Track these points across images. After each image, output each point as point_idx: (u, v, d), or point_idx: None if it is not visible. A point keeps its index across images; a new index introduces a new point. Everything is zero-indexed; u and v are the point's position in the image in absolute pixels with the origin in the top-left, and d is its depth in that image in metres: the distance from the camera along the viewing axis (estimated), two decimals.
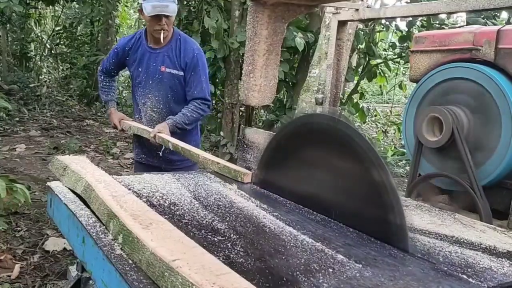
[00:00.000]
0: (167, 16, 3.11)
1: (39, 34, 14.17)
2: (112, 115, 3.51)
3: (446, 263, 1.42)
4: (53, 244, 3.89)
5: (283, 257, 1.39)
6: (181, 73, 3.25)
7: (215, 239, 1.50)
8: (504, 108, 2.49)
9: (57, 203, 1.86)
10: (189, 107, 3.21)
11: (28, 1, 10.45)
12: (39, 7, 12.89)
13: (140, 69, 3.31)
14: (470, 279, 1.32)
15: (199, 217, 1.73)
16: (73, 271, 2.11)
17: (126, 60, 3.39)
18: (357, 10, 3.29)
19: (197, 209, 1.83)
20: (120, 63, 3.45)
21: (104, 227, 1.50)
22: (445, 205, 2.64)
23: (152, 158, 3.38)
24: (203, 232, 1.56)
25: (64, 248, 3.83)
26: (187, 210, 1.81)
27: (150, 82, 3.28)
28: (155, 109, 3.33)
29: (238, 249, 1.43)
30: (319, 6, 5.12)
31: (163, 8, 3.05)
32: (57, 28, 14.08)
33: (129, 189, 2.01)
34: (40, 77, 13.20)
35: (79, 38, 14.03)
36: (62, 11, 13.82)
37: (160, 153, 3.21)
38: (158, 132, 3.04)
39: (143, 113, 3.39)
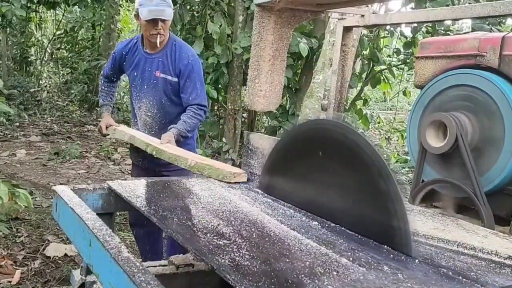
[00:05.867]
0: (163, 21, 3.14)
1: (39, 38, 14.12)
2: (102, 119, 3.60)
3: (448, 267, 1.43)
4: (54, 250, 3.90)
5: (288, 261, 1.40)
6: (175, 79, 3.27)
7: (221, 242, 1.52)
8: (508, 115, 2.50)
9: (63, 207, 1.89)
10: (188, 113, 3.23)
11: (29, 5, 10.51)
12: (40, 11, 12.89)
13: (136, 74, 3.36)
14: (472, 282, 1.33)
15: (205, 221, 1.75)
16: (76, 275, 2.13)
17: (123, 65, 3.44)
18: (362, 16, 3.31)
19: (202, 213, 1.85)
20: (118, 68, 3.51)
21: (110, 230, 1.55)
22: (448, 211, 2.64)
23: (148, 161, 3.40)
24: (208, 235, 1.58)
25: (65, 254, 3.85)
26: (192, 214, 1.84)
27: (145, 87, 3.33)
28: (149, 114, 3.37)
29: (243, 252, 1.44)
30: (325, 12, 5.14)
31: (159, 12, 3.07)
32: (58, 32, 14.03)
33: (133, 193, 2.06)
34: (40, 81, 13.14)
35: (80, 42, 13.98)
36: (63, 15, 13.81)
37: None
38: (167, 143, 3.02)
39: (138, 117, 3.45)
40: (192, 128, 3.25)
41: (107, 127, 3.51)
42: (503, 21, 6.91)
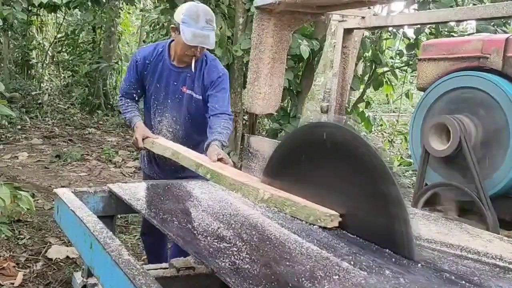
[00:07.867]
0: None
1: (41, 41, 14.12)
2: (137, 129, 3.08)
3: (451, 271, 1.42)
4: (56, 252, 3.88)
5: (289, 264, 1.39)
6: (200, 97, 3.03)
7: (221, 245, 1.51)
8: None
9: (64, 209, 1.88)
10: (220, 124, 2.92)
11: (30, 8, 10.52)
12: (41, 14, 12.93)
13: (158, 86, 3.07)
14: (475, 287, 1.31)
15: (205, 224, 1.74)
16: (78, 277, 2.12)
17: (145, 74, 3.10)
18: (363, 18, 3.29)
19: (203, 216, 1.84)
20: (141, 78, 3.13)
21: (111, 233, 1.55)
22: (452, 215, 2.63)
23: (166, 174, 3.16)
24: (209, 238, 1.57)
25: (67, 256, 3.83)
26: (193, 217, 1.83)
27: (169, 101, 3.08)
28: (170, 129, 3.13)
29: (243, 255, 1.43)
30: (325, 14, 5.13)
31: (204, 39, 2.80)
32: (59, 36, 14.03)
33: (134, 196, 2.05)
34: (41, 84, 13.07)
35: (81, 45, 13.99)
36: (64, 18, 13.84)
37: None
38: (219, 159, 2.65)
39: (157, 130, 3.15)
40: (227, 138, 2.93)
41: (143, 139, 3.03)
42: (509, 22, 6.88)
